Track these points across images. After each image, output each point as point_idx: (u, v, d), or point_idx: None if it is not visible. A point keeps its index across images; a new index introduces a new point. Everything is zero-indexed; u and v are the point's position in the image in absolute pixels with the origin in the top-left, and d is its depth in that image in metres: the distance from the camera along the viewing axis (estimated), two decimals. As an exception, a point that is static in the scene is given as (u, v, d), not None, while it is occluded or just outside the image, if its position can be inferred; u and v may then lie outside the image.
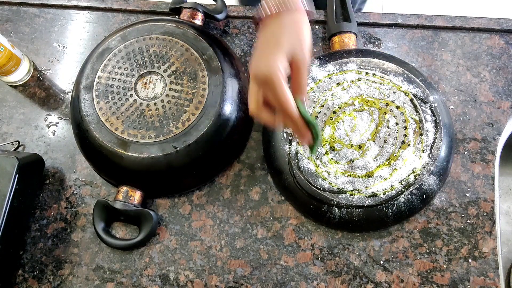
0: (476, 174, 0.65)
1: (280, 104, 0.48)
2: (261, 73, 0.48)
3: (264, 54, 0.49)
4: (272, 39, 0.50)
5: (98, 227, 0.63)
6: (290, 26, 0.50)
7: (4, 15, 0.82)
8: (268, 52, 0.49)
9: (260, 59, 0.49)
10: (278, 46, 0.49)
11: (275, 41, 0.49)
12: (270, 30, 0.51)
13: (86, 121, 0.64)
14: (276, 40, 0.49)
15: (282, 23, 0.50)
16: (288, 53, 0.49)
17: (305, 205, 0.62)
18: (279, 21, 0.50)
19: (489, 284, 0.60)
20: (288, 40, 0.49)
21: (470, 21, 0.74)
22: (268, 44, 0.50)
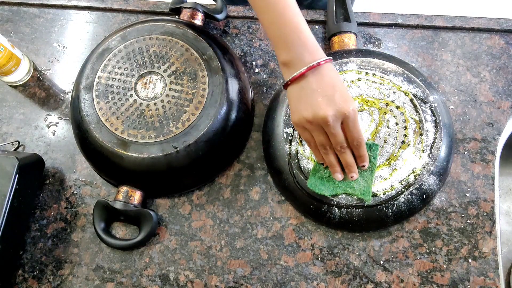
0: (476, 174, 0.65)
1: (357, 135, 0.54)
2: (340, 109, 0.52)
3: (323, 98, 0.52)
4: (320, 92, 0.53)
5: (98, 227, 0.64)
6: (325, 83, 0.53)
7: (4, 15, 0.82)
8: (330, 96, 0.52)
9: (320, 103, 0.52)
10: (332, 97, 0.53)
11: (326, 92, 0.53)
12: (308, 86, 0.53)
13: (86, 121, 0.64)
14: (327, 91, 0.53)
15: (314, 84, 0.53)
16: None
17: (305, 205, 0.62)
18: (314, 78, 0.53)
19: (489, 284, 0.60)
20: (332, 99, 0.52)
21: (470, 21, 0.74)
22: (318, 94, 0.53)
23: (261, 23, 0.57)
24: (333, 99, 0.52)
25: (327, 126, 0.53)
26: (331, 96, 0.52)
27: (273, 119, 0.66)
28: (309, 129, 0.55)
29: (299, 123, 0.55)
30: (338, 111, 0.52)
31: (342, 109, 0.52)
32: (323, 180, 0.60)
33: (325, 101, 0.52)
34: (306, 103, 0.53)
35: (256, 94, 0.72)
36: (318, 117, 0.52)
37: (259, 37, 0.76)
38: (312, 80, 0.53)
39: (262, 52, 0.75)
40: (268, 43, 0.75)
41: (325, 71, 0.53)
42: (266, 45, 0.75)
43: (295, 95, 0.55)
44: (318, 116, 0.52)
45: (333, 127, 0.52)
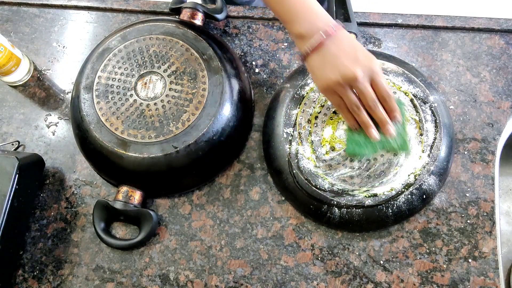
0: (476, 174, 0.65)
1: (385, 90, 0.55)
2: (367, 66, 0.53)
3: (347, 59, 0.54)
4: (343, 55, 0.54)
5: (98, 227, 0.63)
6: (347, 47, 0.54)
7: (4, 15, 0.82)
8: (354, 56, 0.54)
9: (346, 63, 0.53)
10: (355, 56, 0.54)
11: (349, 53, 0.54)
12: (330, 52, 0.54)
13: (86, 121, 0.64)
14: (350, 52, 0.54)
15: (334, 49, 0.54)
16: None
17: (305, 205, 0.62)
18: (334, 44, 0.54)
19: (489, 284, 0.60)
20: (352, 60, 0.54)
21: (470, 21, 0.74)
22: (341, 57, 0.54)
23: (267, 3, 0.57)
24: (357, 59, 0.53)
25: (357, 84, 0.54)
26: (354, 56, 0.53)
27: (273, 119, 0.66)
28: (339, 92, 0.56)
29: (328, 87, 0.56)
30: (365, 68, 0.53)
31: (369, 66, 0.53)
32: (360, 143, 0.60)
33: (350, 61, 0.53)
34: (332, 67, 0.54)
35: (256, 94, 0.72)
36: (348, 77, 0.53)
37: (259, 37, 0.76)
38: (332, 46, 0.54)
39: (262, 52, 0.75)
40: (268, 43, 0.75)
41: (341, 36, 0.54)
42: (266, 45, 0.75)
43: (318, 64, 0.55)
44: (347, 75, 0.53)
45: (363, 84, 0.54)
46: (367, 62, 0.54)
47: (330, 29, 0.54)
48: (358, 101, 0.56)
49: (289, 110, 0.65)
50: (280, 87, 0.70)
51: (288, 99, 0.66)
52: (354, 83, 0.54)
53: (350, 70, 0.53)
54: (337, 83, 0.54)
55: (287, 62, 0.74)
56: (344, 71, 0.53)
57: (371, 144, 0.60)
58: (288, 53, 0.74)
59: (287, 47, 0.75)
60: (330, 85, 0.55)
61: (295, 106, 0.65)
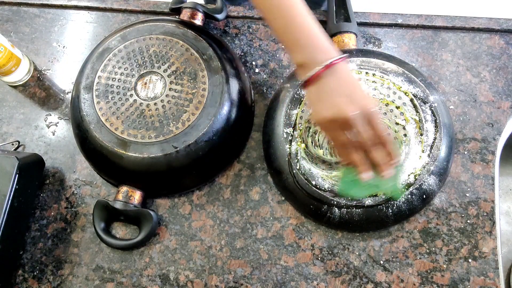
0: (476, 174, 0.65)
1: (380, 134, 0.53)
2: (361, 107, 0.51)
3: (342, 97, 0.52)
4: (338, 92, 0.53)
5: (98, 227, 0.63)
6: (344, 83, 0.53)
7: (4, 15, 0.82)
8: (350, 94, 0.52)
9: (340, 103, 0.52)
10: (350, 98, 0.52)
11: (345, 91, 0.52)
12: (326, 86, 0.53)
13: (86, 121, 0.64)
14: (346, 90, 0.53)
15: (331, 83, 0.53)
16: None
17: (305, 205, 0.62)
18: (331, 77, 0.53)
19: (489, 284, 0.60)
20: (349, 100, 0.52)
21: (470, 21, 0.74)
22: (337, 94, 0.53)
23: (272, 29, 0.57)
24: (353, 98, 0.52)
25: (351, 126, 0.52)
26: (350, 95, 0.52)
27: (273, 119, 0.66)
28: (332, 130, 0.54)
29: (322, 124, 0.55)
30: (359, 109, 0.52)
31: (365, 107, 0.52)
32: (353, 183, 0.58)
33: (345, 100, 0.52)
34: (326, 103, 0.53)
35: (256, 94, 0.72)
36: (340, 117, 0.52)
37: (259, 37, 0.76)
38: (329, 80, 0.53)
39: (262, 52, 0.75)
40: (268, 43, 0.75)
41: (341, 70, 0.53)
42: (266, 45, 0.75)
43: (314, 96, 0.55)
44: (340, 116, 0.52)
45: (357, 125, 0.52)
46: (362, 102, 0.52)
47: (329, 61, 0.52)
48: (350, 141, 0.54)
49: (289, 110, 0.65)
50: (280, 87, 0.70)
51: (288, 99, 0.66)
52: (346, 125, 0.52)
53: (343, 111, 0.51)
54: (331, 122, 0.53)
55: (287, 62, 0.74)
56: (337, 112, 0.52)
57: (365, 187, 0.58)
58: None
59: (287, 47, 0.75)
60: (324, 122, 0.54)
61: (295, 106, 0.65)
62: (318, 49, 0.53)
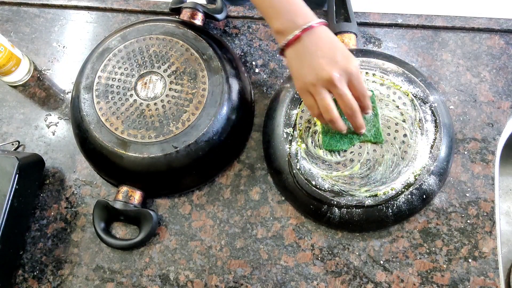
0: (476, 174, 0.65)
1: (362, 91, 0.53)
2: (343, 67, 0.51)
3: (324, 59, 0.51)
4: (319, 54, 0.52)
5: (98, 227, 0.64)
6: (324, 45, 0.52)
7: (4, 15, 0.82)
8: (331, 56, 0.52)
9: (322, 64, 0.51)
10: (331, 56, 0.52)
11: (326, 52, 0.52)
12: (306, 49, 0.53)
13: (86, 121, 0.64)
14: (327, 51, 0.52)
15: (311, 46, 0.52)
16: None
17: (305, 205, 0.62)
18: (311, 40, 0.52)
19: (489, 284, 0.60)
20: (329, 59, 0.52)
21: (470, 21, 0.74)
22: (317, 56, 0.52)
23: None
24: (334, 59, 0.51)
25: (333, 87, 0.52)
26: (331, 56, 0.51)
27: (273, 119, 0.66)
28: (313, 93, 0.54)
29: (304, 88, 0.54)
30: (342, 70, 0.51)
31: (346, 67, 0.51)
32: (336, 137, 0.61)
33: (326, 61, 0.51)
34: (307, 67, 0.52)
35: (256, 94, 0.72)
36: (323, 79, 0.51)
37: (259, 37, 0.76)
38: (309, 42, 0.52)
39: (262, 52, 0.75)
40: (268, 43, 0.75)
41: (321, 32, 0.52)
42: (266, 45, 0.75)
43: (294, 60, 0.54)
44: (322, 77, 0.51)
45: (340, 87, 0.51)
46: (345, 62, 0.51)
47: (308, 24, 0.52)
48: (331, 104, 0.54)
49: (289, 110, 0.65)
50: (280, 87, 0.70)
51: (288, 99, 0.66)
52: (329, 85, 0.52)
53: (325, 72, 0.51)
54: (313, 85, 0.53)
55: (287, 62, 0.74)
56: (320, 73, 0.51)
57: (346, 137, 0.61)
58: (288, 53, 0.74)
59: (287, 47, 0.75)
60: (306, 86, 0.54)
61: (295, 106, 0.65)
62: (297, 14, 0.53)
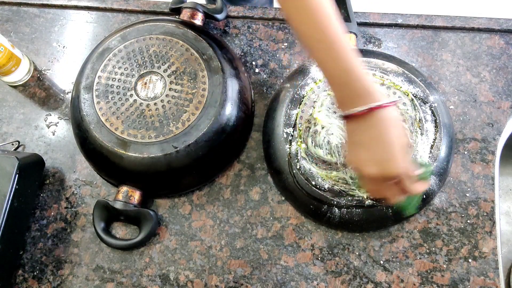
0: (476, 174, 0.65)
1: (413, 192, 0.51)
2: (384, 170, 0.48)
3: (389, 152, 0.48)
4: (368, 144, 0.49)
5: (98, 227, 0.63)
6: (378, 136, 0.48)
7: (4, 15, 0.82)
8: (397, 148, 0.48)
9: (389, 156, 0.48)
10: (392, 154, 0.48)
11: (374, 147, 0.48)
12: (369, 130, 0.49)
13: (86, 121, 0.64)
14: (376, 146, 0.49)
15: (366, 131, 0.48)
16: None
17: (305, 205, 0.62)
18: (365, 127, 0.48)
19: (489, 284, 0.60)
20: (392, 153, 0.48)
21: (470, 21, 0.74)
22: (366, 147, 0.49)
23: (315, 60, 0.51)
24: (400, 152, 0.48)
25: (395, 180, 0.49)
26: (378, 152, 0.48)
27: (273, 119, 0.66)
28: (373, 182, 0.51)
29: (362, 176, 0.52)
30: (382, 172, 0.48)
31: (387, 171, 0.48)
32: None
33: (392, 155, 0.48)
34: (370, 155, 0.49)
35: (256, 94, 0.72)
36: (364, 173, 0.49)
37: (259, 37, 0.76)
38: (374, 125, 0.48)
39: (262, 52, 0.75)
40: (268, 43, 0.75)
41: (387, 116, 0.48)
42: (266, 45, 0.75)
43: (354, 137, 0.50)
44: (387, 174, 0.48)
45: (379, 185, 0.50)
46: (387, 165, 0.48)
47: (375, 104, 0.47)
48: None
49: (289, 110, 0.65)
50: (280, 87, 0.70)
51: (288, 99, 0.66)
52: (391, 179, 0.49)
53: (366, 169, 0.48)
54: (374, 179, 0.49)
55: (287, 62, 0.74)
56: (384, 169, 0.48)
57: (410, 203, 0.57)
58: (288, 53, 0.74)
59: (287, 47, 0.75)
60: (365, 176, 0.51)
61: (295, 106, 0.65)
62: (365, 90, 0.48)
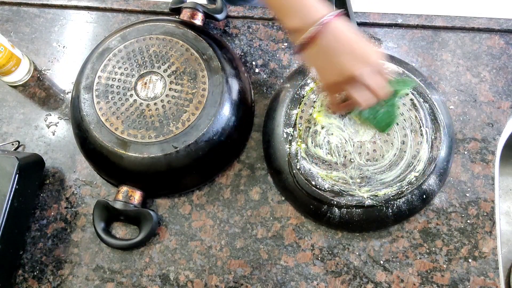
0: (476, 174, 0.65)
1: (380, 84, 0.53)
2: (367, 63, 0.51)
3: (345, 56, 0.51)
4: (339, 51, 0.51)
5: (98, 227, 0.63)
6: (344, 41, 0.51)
7: (4, 15, 0.82)
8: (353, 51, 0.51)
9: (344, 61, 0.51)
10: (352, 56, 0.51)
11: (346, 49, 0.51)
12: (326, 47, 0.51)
13: (86, 121, 0.64)
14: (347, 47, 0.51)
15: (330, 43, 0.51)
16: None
17: (305, 205, 0.62)
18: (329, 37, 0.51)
19: (489, 284, 0.60)
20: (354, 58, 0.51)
21: (470, 21, 0.74)
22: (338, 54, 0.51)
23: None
24: (355, 54, 0.50)
25: (359, 82, 0.51)
26: (352, 51, 0.51)
27: (273, 119, 0.66)
28: (339, 89, 0.54)
29: (331, 88, 0.55)
30: (365, 65, 0.50)
31: (368, 63, 0.51)
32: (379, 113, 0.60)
33: (348, 58, 0.50)
34: (330, 66, 0.52)
35: (256, 94, 0.72)
36: (347, 77, 0.51)
37: (259, 37, 0.76)
38: (327, 39, 0.51)
39: (262, 52, 0.75)
40: (268, 43, 0.75)
41: (337, 27, 0.51)
42: (266, 45, 0.75)
43: (315, 60, 0.53)
44: (346, 76, 0.51)
45: (366, 81, 0.51)
46: (366, 57, 0.51)
47: (324, 18, 0.50)
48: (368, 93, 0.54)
49: (289, 110, 0.65)
50: (280, 87, 0.70)
51: (288, 99, 0.66)
52: (355, 81, 0.52)
53: (349, 70, 0.51)
54: (338, 83, 0.53)
55: (287, 62, 0.74)
56: (343, 71, 0.51)
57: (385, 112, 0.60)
58: (288, 53, 0.74)
59: (287, 47, 0.75)
60: (333, 86, 0.54)
61: (295, 106, 0.65)
62: (310, 10, 0.51)
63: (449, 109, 0.68)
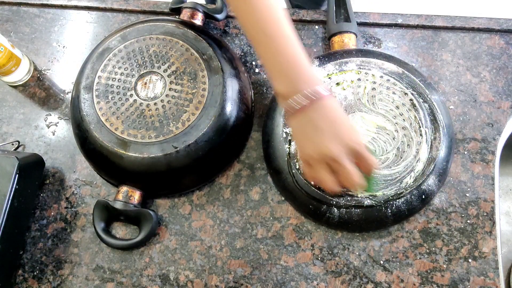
0: (476, 174, 0.65)
1: (369, 165, 0.53)
2: (346, 144, 0.50)
3: (326, 135, 0.51)
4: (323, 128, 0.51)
5: (98, 227, 0.64)
6: (329, 120, 0.51)
7: (4, 15, 0.82)
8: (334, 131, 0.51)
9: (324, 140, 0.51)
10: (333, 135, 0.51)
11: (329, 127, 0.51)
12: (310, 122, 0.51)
13: (86, 121, 0.64)
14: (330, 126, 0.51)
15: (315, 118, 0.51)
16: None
17: (305, 205, 0.62)
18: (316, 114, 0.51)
19: (489, 284, 0.60)
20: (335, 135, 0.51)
21: (470, 21, 0.74)
22: (320, 130, 0.51)
23: (257, 53, 0.54)
24: (337, 135, 0.50)
25: (334, 162, 0.51)
26: (334, 131, 0.50)
27: (273, 119, 0.66)
28: (315, 166, 0.53)
29: (306, 160, 0.54)
30: (344, 147, 0.50)
31: (348, 144, 0.50)
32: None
33: (329, 138, 0.50)
34: (310, 140, 0.52)
35: (256, 94, 0.72)
36: (325, 155, 0.51)
37: (259, 37, 0.76)
38: (313, 115, 0.51)
39: (262, 52, 0.75)
40: (268, 43, 0.75)
41: (325, 105, 0.51)
42: (266, 45, 0.75)
43: (298, 130, 0.53)
44: (324, 154, 0.50)
45: (342, 164, 0.51)
46: (347, 138, 0.50)
47: (314, 94, 0.50)
48: (335, 178, 0.53)
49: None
50: (280, 87, 0.70)
51: (288, 99, 0.66)
52: (330, 161, 0.51)
53: (327, 149, 0.50)
54: (316, 159, 0.52)
55: (287, 62, 0.74)
56: (321, 149, 0.50)
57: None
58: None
59: (287, 47, 0.75)
60: (308, 159, 0.53)
61: (295, 106, 0.65)
62: (300, 77, 0.51)
63: (449, 109, 0.68)
